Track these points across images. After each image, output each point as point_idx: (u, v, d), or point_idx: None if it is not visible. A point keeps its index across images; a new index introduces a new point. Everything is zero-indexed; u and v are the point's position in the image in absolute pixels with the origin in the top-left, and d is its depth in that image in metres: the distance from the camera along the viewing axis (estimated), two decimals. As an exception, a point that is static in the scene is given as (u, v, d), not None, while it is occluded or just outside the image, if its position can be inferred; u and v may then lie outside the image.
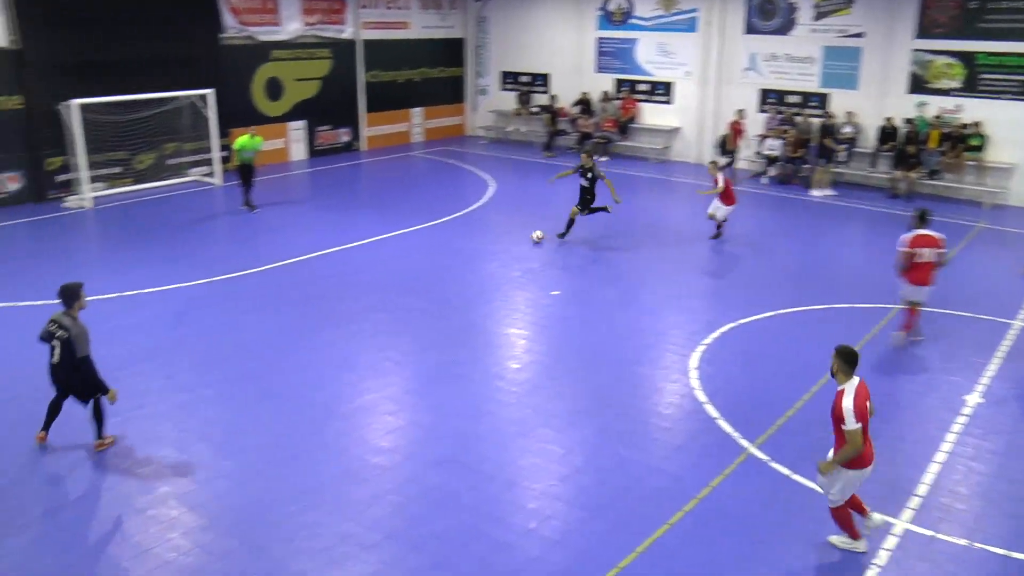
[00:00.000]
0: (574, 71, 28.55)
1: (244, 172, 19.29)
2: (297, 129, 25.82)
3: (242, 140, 19.17)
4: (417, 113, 29.69)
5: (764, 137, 24.12)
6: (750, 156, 24.70)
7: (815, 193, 22.06)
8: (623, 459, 9.08)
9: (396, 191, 22.07)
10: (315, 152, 26.26)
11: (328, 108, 26.54)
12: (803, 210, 20.66)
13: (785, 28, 24.23)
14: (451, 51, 30.57)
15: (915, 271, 11.91)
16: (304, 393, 10.52)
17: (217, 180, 22.24)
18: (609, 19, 27.48)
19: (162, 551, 7.49)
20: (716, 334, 12.50)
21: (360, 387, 10.72)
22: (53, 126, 19.69)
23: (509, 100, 30.21)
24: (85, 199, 19.73)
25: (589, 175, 17.03)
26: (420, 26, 29.16)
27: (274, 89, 25.00)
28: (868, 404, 7.28)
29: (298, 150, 25.95)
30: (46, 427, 9.22)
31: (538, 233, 17.07)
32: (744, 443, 9.39)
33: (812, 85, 24.12)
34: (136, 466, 8.85)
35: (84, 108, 19.44)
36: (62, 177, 20.33)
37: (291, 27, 25.06)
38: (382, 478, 8.68)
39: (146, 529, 7.81)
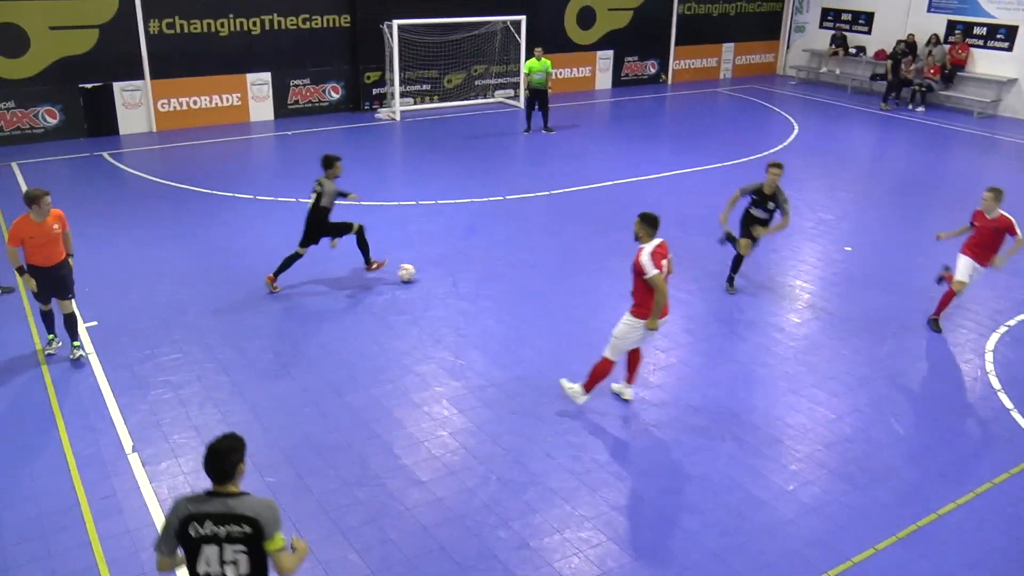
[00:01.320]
0: (902, 10, 26.42)
1: (535, 96, 19.86)
2: (605, 58, 26.04)
3: (530, 63, 19.72)
4: (728, 48, 28.90)
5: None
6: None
7: None
8: (897, 436, 8.67)
9: (697, 127, 21.82)
10: (621, 82, 26.40)
11: (638, 39, 26.48)
12: None
13: None
14: (772, -16, 29.37)
15: None
16: (577, 317, 10.92)
17: (520, 103, 23.06)
18: (951, -46, 25.10)
19: (431, 446, 8.19)
20: (1023, 316, 11.47)
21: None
22: (375, 43, 21.26)
23: (825, 39, 28.58)
24: (395, 112, 21.25)
25: (770, 205, 11.57)
26: (742, -43, 28.21)
27: (586, 17, 25.29)
28: (665, 261, 8.26)
29: (604, 79, 26.22)
30: (276, 273, 11.36)
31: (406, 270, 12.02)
32: (1040, 439, 8.66)
33: None
34: (416, 363, 9.66)
35: (403, 28, 20.80)
36: (378, 91, 21.98)
37: (608, -45, 25.14)
38: (645, 414, 8.89)
39: (419, 423, 8.55)
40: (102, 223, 13.81)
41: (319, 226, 11.36)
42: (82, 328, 10.07)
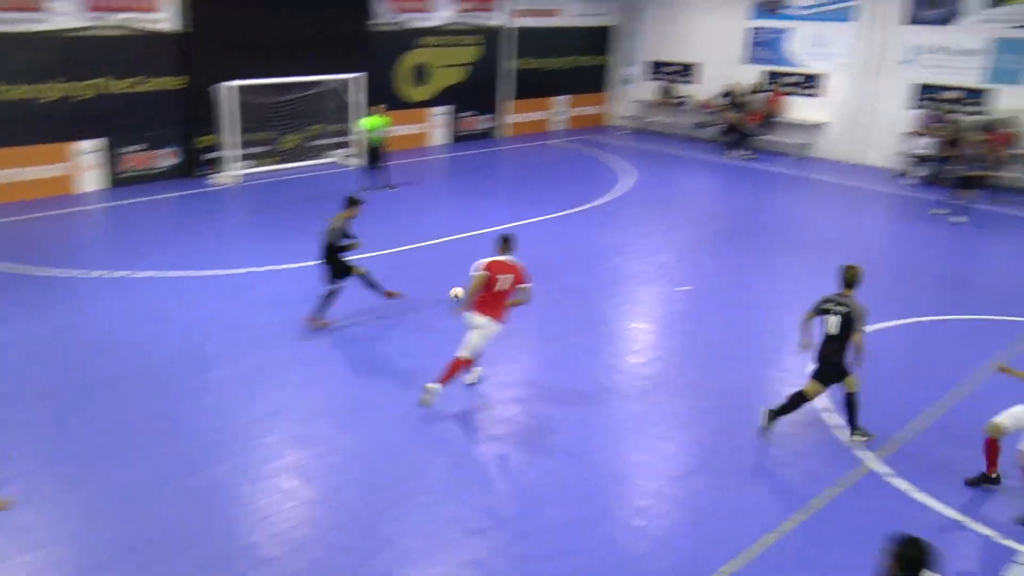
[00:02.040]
0: (723, 62, 27.97)
1: (375, 154, 19.98)
2: (441, 114, 26.34)
3: (370, 121, 19.86)
4: (560, 102, 29.76)
5: (916, 135, 23.04)
6: (892, 154, 23.71)
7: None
8: (738, 463, 8.98)
9: (534, 179, 22.29)
10: (457, 138, 26.73)
11: (472, 95, 26.95)
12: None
13: (951, 17, 22.99)
14: (599, 39, 30.45)
15: None
16: (431, 374, 10.77)
17: (357, 162, 22.96)
18: (763, 8, 26.76)
19: (277, 520, 7.87)
20: (848, 339, 12.13)
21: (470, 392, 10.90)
22: (209, 106, 20.81)
23: (652, 90, 29.88)
24: (232, 176, 20.80)
25: (843, 312, 9.13)
26: (572, 14, 29.14)
27: (420, 75, 25.57)
28: (503, 277, 9.55)
29: (440, 135, 26.48)
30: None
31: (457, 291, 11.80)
32: (865, 454, 9.12)
33: (974, 80, 22.85)
34: (259, 436, 9.31)
35: (237, 90, 20.47)
36: (213, 155, 21.47)
37: (442, 14, 25.54)
38: (494, 465, 8.88)
39: (265, 497, 8.21)
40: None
41: (332, 262, 12.11)
42: None
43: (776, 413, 9.39)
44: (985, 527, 7.95)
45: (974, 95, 22.87)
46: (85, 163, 19.72)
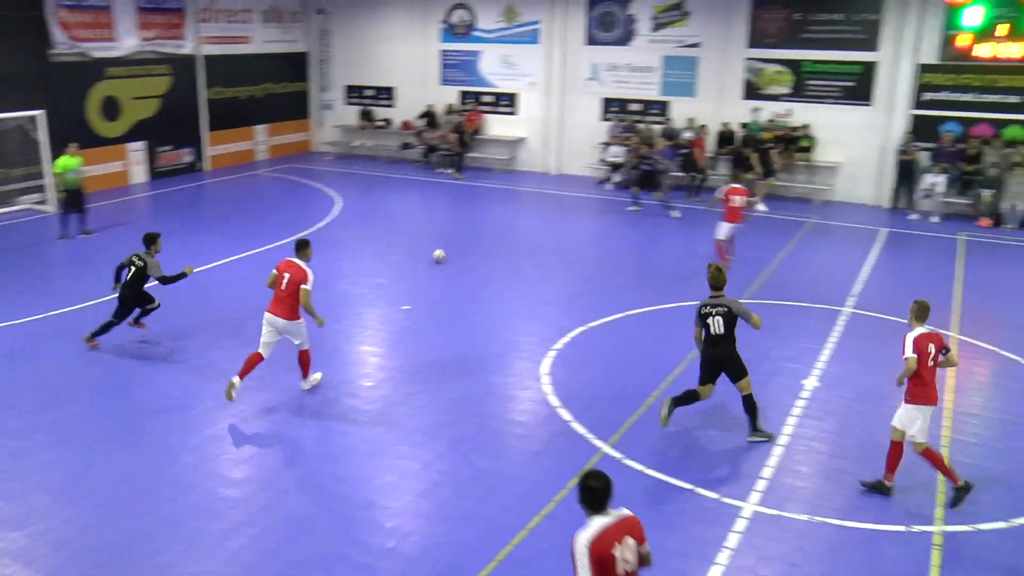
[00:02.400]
0: (419, 84, 28.50)
1: (72, 197, 18.31)
2: (137, 150, 24.71)
3: (63, 161, 18.19)
4: (261, 130, 28.95)
5: (608, 145, 24.73)
6: (591, 163, 25.34)
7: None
8: (480, 470, 9.07)
9: (242, 211, 21.46)
10: (157, 174, 25.14)
11: (169, 127, 25.49)
12: (645, 214, 21.17)
13: (625, 39, 24.96)
14: (294, 66, 30.00)
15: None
16: (146, 427, 10.02)
17: (51, 207, 20.99)
18: (452, 32, 27.60)
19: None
20: (566, 339, 12.67)
21: (206, 417, 10.25)
22: None
23: (355, 115, 29.90)
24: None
25: (723, 311, 9.52)
26: (262, 40, 28.45)
27: (111, 108, 23.86)
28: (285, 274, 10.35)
29: (138, 172, 24.79)
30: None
31: (439, 252, 16.24)
32: (598, 443, 9.54)
33: (653, 93, 24.91)
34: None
35: None
36: None
37: (127, 43, 23.92)
38: (235, 510, 8.36)
39: (-26, 587, 7.24)
40: None
41: (137, 297, 12.28)
42: None
43: (675, 403, 9.57)
44: (709, 491, 8.54)
45: (656, 106, 24.89)
46: None
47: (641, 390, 10.89)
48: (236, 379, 10.25)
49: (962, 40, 21.00)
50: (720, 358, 9.50)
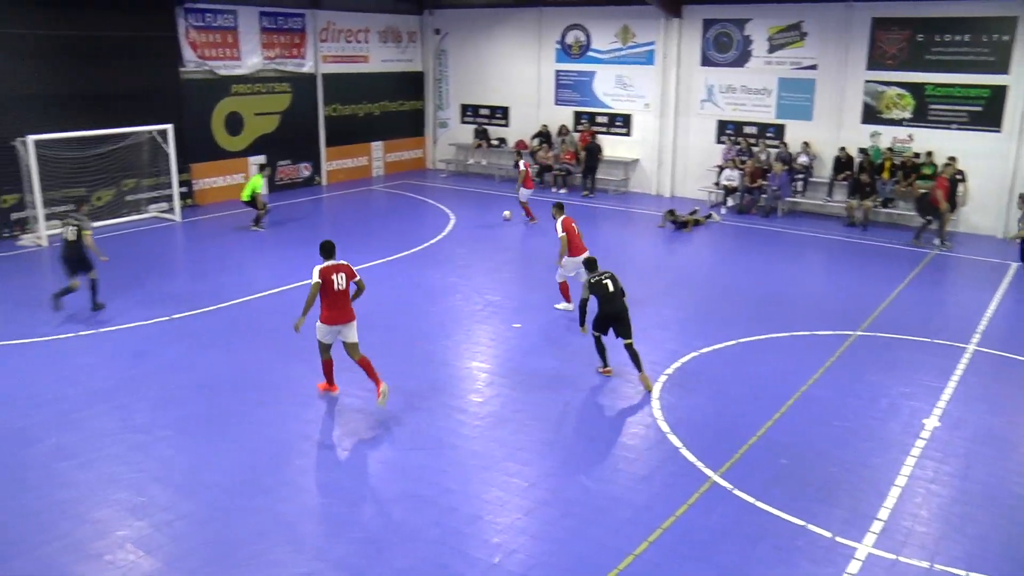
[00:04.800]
0: (533, 104, 28.78)
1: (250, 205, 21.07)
2: (257, 164, 25.65)
3: (252, 182, 21.20)
4: (377, 147, 29.70)
5: (722, 168, 24.46)
6: (706, 186, 25.05)
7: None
8: (588, 491, 9.05)
9: (357, 225, 22.01)
10: (275, 187, 26.09)
11: (288, 143, 26.46)
12: (762, 239, 20.89)
13: (741, 60, 24.66)
14: (411, 84, 30.70)
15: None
16: (265, 430, 10.39)
17: (176, 216, 22.02)
18: (567, 52, 27.77)
19: (119, 595, 7.31)
20: (678, 363, 12.55)
21: (321, 425, 10.61)
22: (11, 163, 19.42)
23: (469, 133, 30.34)
24: (40, 237, 19.44)
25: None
26: (380, 59, 29.27)
27: (234, 124, 24.90)
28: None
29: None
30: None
31: (507, 213, 17.98)
32: (707, 471, 9.41)
33: (768, 116, 24.52)
34: (90, 511, 8.64)
35: (40, 144, 19.18)
36: (17, 215, 20.04)
37: (251, 61, 25.02)
38: (344, 515, 8.58)
39: (102, 575, 7.61)
40: None
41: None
42: None
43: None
44: (822, 529, 8.32)
45: (771, 129, 24.49)
46: None
47: (753, 420, 10.69)
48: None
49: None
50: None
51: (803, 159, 23.47)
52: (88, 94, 20.81)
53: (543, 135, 28.01)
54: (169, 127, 21.65)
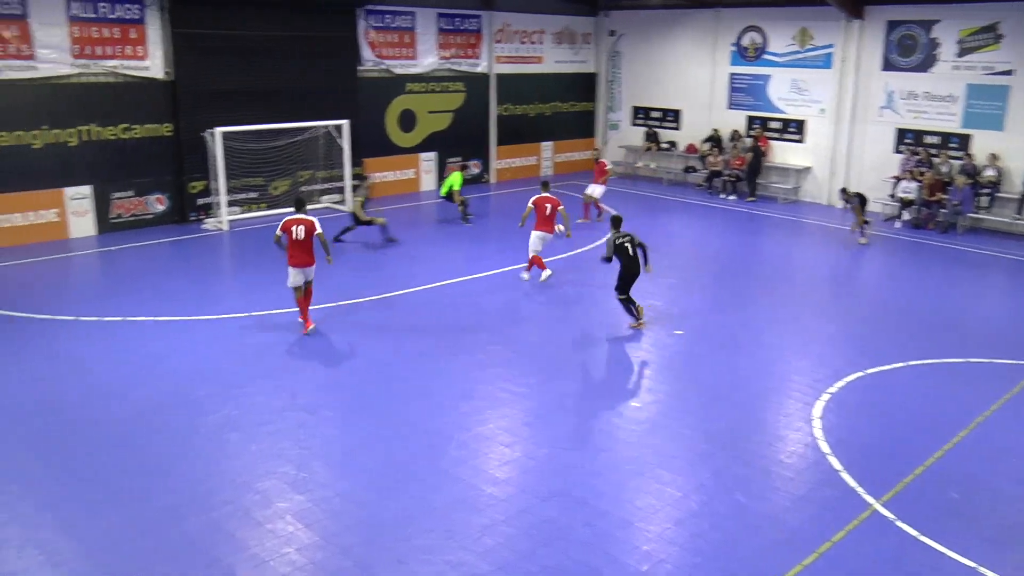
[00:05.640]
0: (705, 107, 28.38)
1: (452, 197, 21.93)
2: (428, 160, 26.51)
3: (450, 179, 22.07)
4: (547, 147, 30.03)
5: (899, 179, 23.35)
6: (882, 198, 23.95)
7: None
8: (741, 506, 8.93)
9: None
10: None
11: (459, 140, 27.15)
12: (939, 256, 19.88)
13: (925, 65, 23.47)
14: (583, 85, 30.89)
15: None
16: (422, 419, 10.77)
17: (347, 208, 22.97)
18: (742, 54, 27.24)
19: (277, 564, 7.78)
20: (842, 383, 12.15)
21: (477, 416, 10.90)
22: (199, 152, 20.87)
23: (639, 135, 30.21)
24: (222, 221, 20.79)
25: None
26: (553, 60, 29.60)
27: (407, 121, 25.78)
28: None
29: (428, 181, 26.58)
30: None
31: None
32: (869, 499, 9.07)
33: (953, 125, 23.24)
34: (255, 480, 9.23)
35: (227, 136, 20.56)
36: (203, 201, 21.48)
37: (427, 61, 25.84)
38: (495, 508, 8.79)
39: (263, 542, 8.12)
40: None
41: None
42: None
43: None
44: (994, 574, 7.88)
45: (955, 139, 23.22)
46: (76, 209, 19.68)
47: (921, 449, 10.22)
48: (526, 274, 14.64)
49: None
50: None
51: (990, 172, 22.15)
52: (272, 90, 22.10)
53: (713, 139, 27.60)
54: (345, 123, 22.66)
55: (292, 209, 13.99)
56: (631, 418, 10.99)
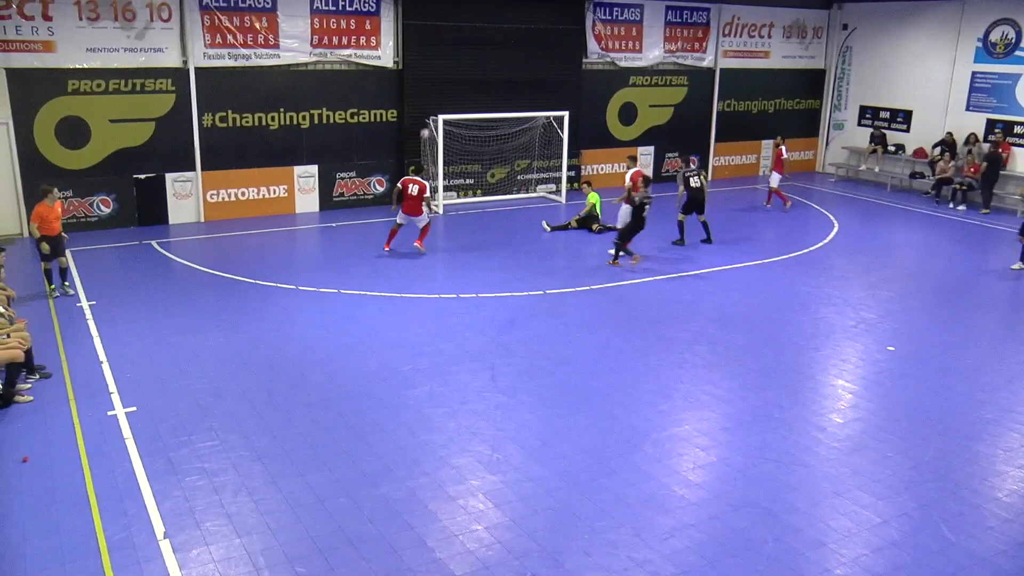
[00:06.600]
0: (940, 108, 26.56)
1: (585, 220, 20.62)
2: (646, 154, 26.40)
3: (592, 198, 20.73)
4: (767, 145, 29.14)
5: None
6: None
7: None
8: (948, 544, 8.36)
9: (738, 224, 21.80)
10: (660, 178, 26.54)
11: (678, 135, 26.86)
12: None
13: None
14: (810, 82, 29.71)
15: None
16: (620, 413, 10.80)
17: (561, 198, 23.29)
18: (989, 50, 25.25)
19: (466, 540, 8.06)
20: (1078, 418, 11.15)
21: (675, 416, 10.81)
22: (414, 138, 21.92)
23: (864, 137, 28.73)
24: (438, 205, 21.62)
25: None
26: (780, 55, 28.67)
27: (628, 113, 25.76)
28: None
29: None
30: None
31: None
32: (1097, 548, 8.31)
33: None
34: (452, 456, 9.60)
35: (448, 123, 21.38)
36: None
37: (652, 54, 25.71)
38: (686, 511, 8.70)
39: (454, 516, 8.43)
40: (146, 310, 14.05)
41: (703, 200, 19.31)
42: (120, 412, 10.35)
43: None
44: None
45: None
46: (303, 186, 21.18)
47: None
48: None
49: None
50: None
51: None
52: (497, 80, 22.75)
53: (946, 143, 25.76)
54: (565, 114, 22.93)
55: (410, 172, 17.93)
56: (833, 434, 10.55)
